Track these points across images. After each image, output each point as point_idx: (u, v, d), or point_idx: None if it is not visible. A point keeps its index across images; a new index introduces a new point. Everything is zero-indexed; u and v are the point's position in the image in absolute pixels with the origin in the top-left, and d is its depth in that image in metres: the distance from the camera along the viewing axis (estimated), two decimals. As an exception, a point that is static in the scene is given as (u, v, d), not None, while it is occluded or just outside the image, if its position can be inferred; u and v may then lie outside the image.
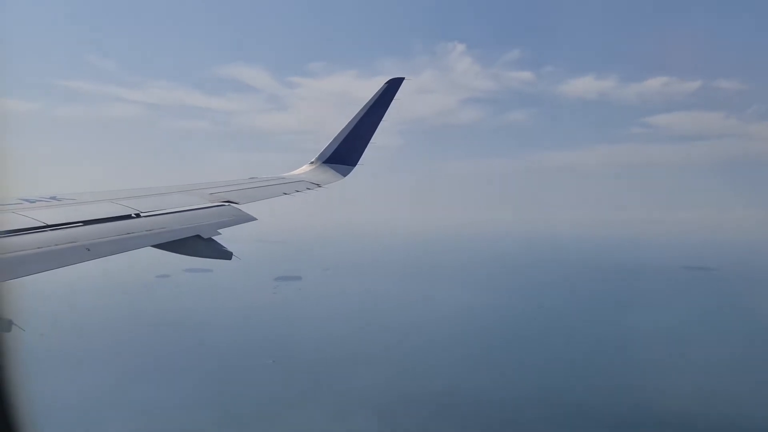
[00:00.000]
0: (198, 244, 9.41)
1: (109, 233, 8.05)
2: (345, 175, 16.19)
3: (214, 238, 9.73)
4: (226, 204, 11.21)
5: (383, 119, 16.39)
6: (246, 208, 11.37)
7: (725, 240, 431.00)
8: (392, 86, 16.47)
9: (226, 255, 9.65)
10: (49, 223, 7.47)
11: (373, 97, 16.37)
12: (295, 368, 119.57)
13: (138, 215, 9.07)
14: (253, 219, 11.13)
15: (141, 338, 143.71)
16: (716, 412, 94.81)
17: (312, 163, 16.35)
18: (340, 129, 16.87)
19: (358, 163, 16.55)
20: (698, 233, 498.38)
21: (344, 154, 16.33)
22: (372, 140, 16.44)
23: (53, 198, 8.93)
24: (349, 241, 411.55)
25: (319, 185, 14.69)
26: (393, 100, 16.39)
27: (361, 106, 16.73)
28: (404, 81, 16.57)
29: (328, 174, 15.70)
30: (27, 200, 8.42)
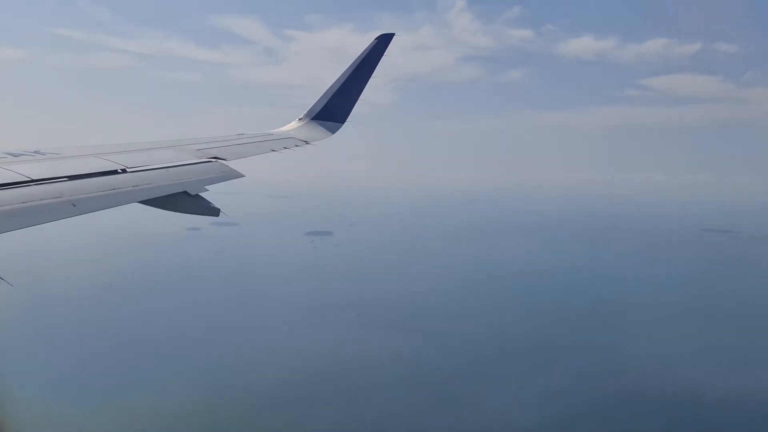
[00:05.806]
0: (185, 201, 9.44)
1: (94, 189, 8.01)
2: (333, 132, 16.12)
3: (201, 194, 9.88)
4: (214, 160, 11.24)
5: (373, 76, 16.18)
6: (233, 164, 11.38)
7: (730, 202, 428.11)
8: (382, 42, 16.17)
9: (214, 212, 9.71)
10: (34, 177, 7.44)
11: (362, 53, 16.13)
12: (381, 321, 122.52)
13: (124, 170, 9.07)
14: (241, 176, 11.15)
15: (215, 289, 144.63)
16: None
17: (300, 119, 16.23)
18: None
19: (347, 120, 16.46)
20: (702, 196, 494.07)
21: (333, 110, 16.18)
22: (362, 97, 16.29)
23: (37, 152, 8.89)
24: (354, 197, 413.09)
25: (306, 142, 14.65)
26: (383, 57, 16.14)
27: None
28: (395, 37, 16.26)
29: (316, 131, 15.63)
30: (11, 154, 8.38)
